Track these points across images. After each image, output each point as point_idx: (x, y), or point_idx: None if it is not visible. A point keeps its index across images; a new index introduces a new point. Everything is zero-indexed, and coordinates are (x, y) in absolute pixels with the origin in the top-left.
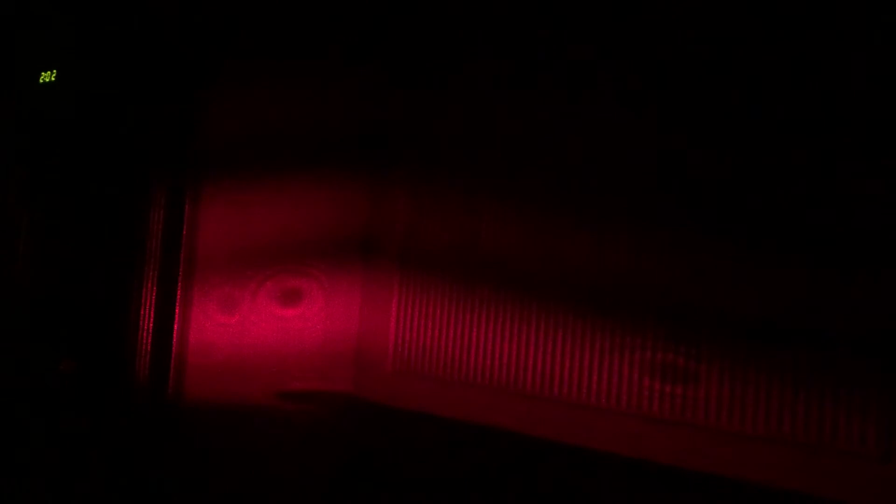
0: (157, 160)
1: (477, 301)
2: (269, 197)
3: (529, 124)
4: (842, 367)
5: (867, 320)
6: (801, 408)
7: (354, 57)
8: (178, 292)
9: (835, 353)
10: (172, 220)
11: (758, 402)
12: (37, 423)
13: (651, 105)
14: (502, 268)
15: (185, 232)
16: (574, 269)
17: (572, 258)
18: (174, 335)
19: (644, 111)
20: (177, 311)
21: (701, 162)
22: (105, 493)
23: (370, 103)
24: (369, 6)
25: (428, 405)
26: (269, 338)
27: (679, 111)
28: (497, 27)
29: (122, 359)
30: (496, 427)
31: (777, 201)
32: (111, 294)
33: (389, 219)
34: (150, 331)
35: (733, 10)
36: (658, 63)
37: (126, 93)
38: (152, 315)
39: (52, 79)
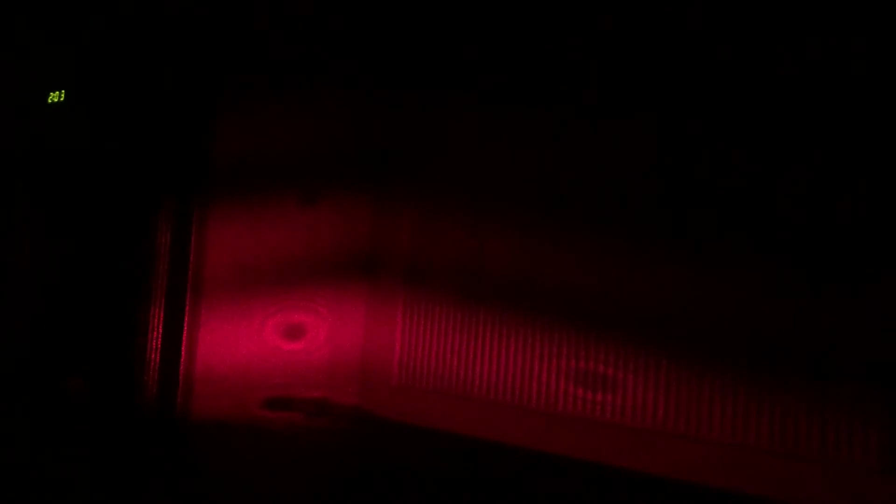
0: (165, 181)
1: (480, 317)
2: (276, 217)
3: (531, 144)
4: (844, 381)
5: (868, 338)
6: (804, 422)
7: (358, 78)
8: (186, 311)
9: (838, 369)
10: (180, 240)
11: (761, 415)
12: (46, 439)
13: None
14: (505, 285)
15: (192, 251)
16: (579, 287)
17: (575, 275)
18: (182, 353)
19: (643, 132)
20: (185, 328)
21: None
22: None
23: (375, 124)
24: (374, 28)
25: (432, 419)
26: (276, 354)
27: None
28: (499, 49)
29: (130, 377)
30: (499, 441)
31: (775, 210)
32: (120, 313)
33: (394, 236)
34: (159, 349)
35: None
36: (655, 80)
37: (134, 115)
38: (160, 333)
39: (61, 98)
